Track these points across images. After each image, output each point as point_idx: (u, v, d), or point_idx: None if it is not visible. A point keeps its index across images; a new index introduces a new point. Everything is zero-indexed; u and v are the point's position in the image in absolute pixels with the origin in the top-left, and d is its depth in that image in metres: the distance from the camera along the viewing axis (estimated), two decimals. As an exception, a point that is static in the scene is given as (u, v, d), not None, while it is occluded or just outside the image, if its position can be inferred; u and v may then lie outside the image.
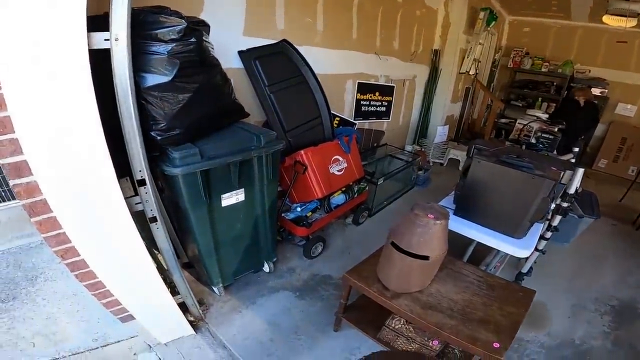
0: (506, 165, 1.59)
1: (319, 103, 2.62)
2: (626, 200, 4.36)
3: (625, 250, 3.29)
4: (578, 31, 5.84)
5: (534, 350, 2.01)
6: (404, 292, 1.57)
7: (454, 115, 5.20)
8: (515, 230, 1.68)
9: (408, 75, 4.15)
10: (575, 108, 4.63)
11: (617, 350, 2.09)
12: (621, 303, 2.53)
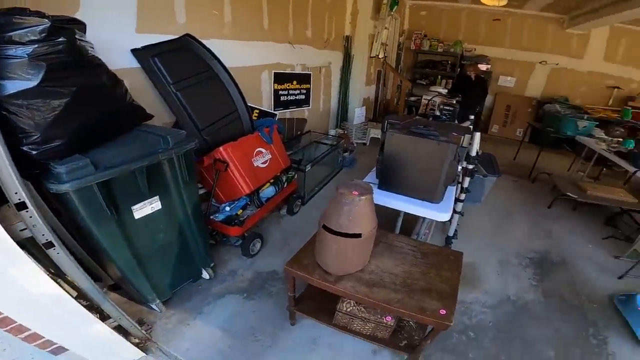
0: (416, 135, 1.71)
1: (233, 97, 2.49)
2: (519, 158, 5.10)
3: (529, 203, 3.81)
4: (463, 12, 6.59)
5: (480, 311, 2.19)
6: (346, 274, 1.58)
7: (369, 97, 5.49)
8: (433, 196, 1.81)
9: (323, 62, 4.21)
10: (468, 82, 5.25)
11: (549, 302, 2.34)
12: (538, 254, 2.88)
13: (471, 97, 5.16)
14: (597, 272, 2.67)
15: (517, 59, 6.50)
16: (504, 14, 6.31)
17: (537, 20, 6.19)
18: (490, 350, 1.91)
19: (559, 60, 6.27)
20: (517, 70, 6.58)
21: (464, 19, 6.65)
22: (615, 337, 2.07)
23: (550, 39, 6.23)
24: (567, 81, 6.31)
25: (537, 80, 6.49)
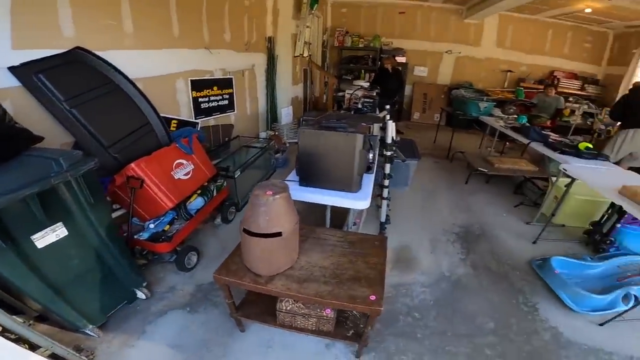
0: (326, 129, 1.79)
1: (143, 109, 2.36)
2: (438, 141, 5.60)
3: (449, 181, 4.17)
4: (379, 8, 7.01)
5: (420, 291, 2.30)
6: (277, 273, 1.59)
7: (298, 96, 5.57)
8: (350, 186, 1.92)
9: (246, 65, 4.16)
10: (386, 75, 5.62)
11: (479, 274, 2.54)
12: (462, 229, 3.13)
13: (389, 88, 5.54)
14: (514, 240, 2.97)
15: (428, 49, 7.12)
16: (413, 7, 6.86)
17: (441, 12, 6.84)
18: (436, 327, 2.01)
19: (461, 49, 7.01)
20: (429, 61, 7.20)
21: (380, 14, 7.07)
22: (543, 302, 2.28)
23: (452, 29, 6.93)
24: (470, 68, 7.09)
25: (445, 69, 7.18)
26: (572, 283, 2.34)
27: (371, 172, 2.17)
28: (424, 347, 1.88)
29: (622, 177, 2.50)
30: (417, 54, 7.11)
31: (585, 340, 1.98)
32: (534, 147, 3.36)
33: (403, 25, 7.06)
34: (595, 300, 2.18)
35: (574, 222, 3.14)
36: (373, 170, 2.21)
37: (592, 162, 2.89)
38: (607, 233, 2.78)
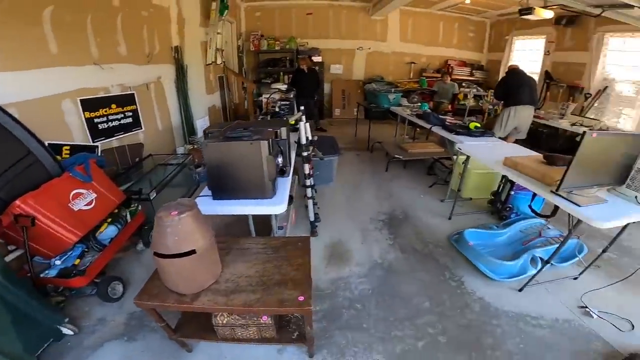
0: (230, 140, 1.77)
1: (21, 138, 2.06)
2: (358, 134, 5.90)
3: (371, 171, 4.39)
4: (292, 10, 7.10)
5: (358, 282, 2.38)
6: (201, 290, 1.54)
7: (215, 105, 5.39)
8: (264, 192, 1.92)
9: (150, 78, 3.88)
10: (302, 75, 5.74)
11: (407, 257, 2.69)
12: (387, 215, 3.30)
13: (307, 88, 5.68)
14: (433, 218, 3.25)
15: (341, 47, 7.44)
16: (324, 7, 7.10)
17: (350, 11, 7.20)
18: (379, 315, 2.10)
19: (370, 45, 7.49)
20: (343, 58, 7.54)
21: (294, 16, 7.17)
22: (466, 274, 2.49)
23: (361, 26, 7.35)
24: (379, 62, 7.61)
25: (358, 65, 7.60)
26: (485, 253, 2.60)
27: (286, 176, 2.20)
28: (372, 336, 1.96)
29: (505, 150, 2.92)
30: (332, 52, 7.39)
31: (510, 307, 2.19)
32: (435, 131, 3.74)
33: (316, 26, 7.26)
34: (508, 267, 2.44)
35: (478, 194, 3.57)
36: (288, 174, 2.24)
37: (481, 139, 3.32)
38: (505, 201, 3.21)
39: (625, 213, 1.87)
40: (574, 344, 1.93)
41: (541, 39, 6.39)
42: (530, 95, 4.37)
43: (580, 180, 1.93)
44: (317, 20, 7.21)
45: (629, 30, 4.81)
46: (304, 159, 2.84)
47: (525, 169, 2.33)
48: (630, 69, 5.03)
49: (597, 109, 5.41)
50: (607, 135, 1.83)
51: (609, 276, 2.47)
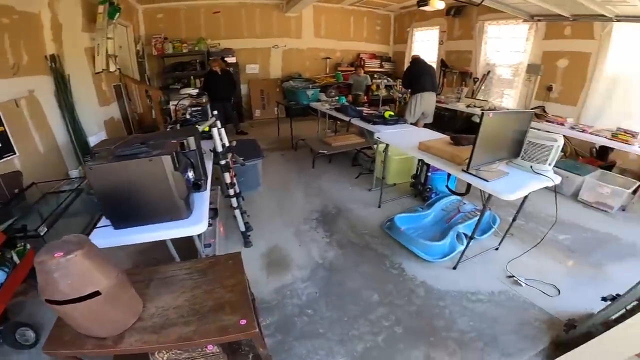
0: (122, 159, 1.49)
1: None
2: (281, 133, 5.77)
3: (298, 169, 4.30)
4: (201, 10, 6.59)
5: (303, 287, 2.28)
6: (124, 330, 1.29)
7: (113, 117, 4.72)
8: (177, 213, 1.68)
9: (19, 92, 3.18)
10: (216, 78, 5.38)
11: (345, 252, 2.66)
12: (319, 212, 3.24)
13: (222, 91, 5.36)
14: (364, 209, 3.29)
15: (256, 46, 7.20)
16: (237, 6, 6.76)
17: (264, 9, 6.99)
18: (332, 317, 2.05)
19: (286, 43, 7.39)
20: (259, 57, 7.31)
21: (203, 16, 6.67)
22: (405, 260, 2.55)
23: (276, 24, 7.20)
24: (296, 59, 7.59)
25: (275, 63, 7.46)
26: (416, 236, 2.73)
27: (203, 190, 1.98)
28: (330, 339, 1.90)
29: (418, 135, 3.09)
30: (247, 52, 7.10)
31: (451, 287, 2.30)
32: (354, 123, 3.82)
33: (229, 25, 6.89)
34: (439, 247, 2.57)
35: (400, 179, 3.76)
36: (205, 187, 2.02)
37: (396, 126, 3.48)
38: (425, 182, 3.42)
39: (525, 183, 2.10)
40: (515, 315, 2.09)
41: (435, 30, 7.05)
42: (431, 82, 4.78)
43: (485, 157, 2.11)
44: (229, 19, 6.85)
45: (503, 18, 5.56)
46: (222, 168, 2.62)
47: (437, 151, 2.48)
48: (506, 54, 5.83)
49: (484, 91, 6.19)
50: (500, 114, 2.03)
51: (523, 242, 2.78)
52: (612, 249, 2.82)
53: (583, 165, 4.07)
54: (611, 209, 3.50)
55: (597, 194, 3.60)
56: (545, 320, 2.05)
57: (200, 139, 2.12)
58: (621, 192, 3.44)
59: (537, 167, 2.28)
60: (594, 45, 4.58)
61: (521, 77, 5.58)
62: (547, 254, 2.65)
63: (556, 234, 2.84)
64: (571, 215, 3.31)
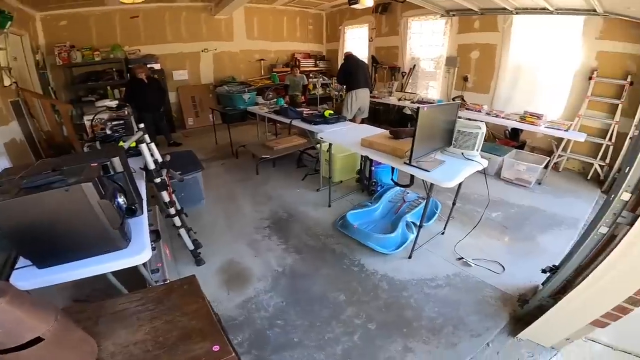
0: (30, 193, 1.26)
1: None
2: (220, 141, 5.50)
3: (242, 178, 4.12)
4: (116, 14, 5.92)
5: (268, 298, 2.23)
6: None
7: (15, 139, 4.04)
8: (114, 244, 1.49)
9: None
10: (141, 86, 4.92)
11: (304, 256, 2.62)
12: (270, 220, 3.14)
13: (150, 101, 4.93)
14: (315, 210, 3.28)
15: (184, 51, 6.74)
16: (159, 9, 6.24)
17: (191, 11, 6.54)
18: (304, 324, 2.01)
19: (216, 46, 7.05)
20: (188, 62, 6.87)
21: (118, 21, 6.01)
22: (363, 256, 2.58)
23: (205, 27, 6.81)
24: (229, 62, 7.30)
25: (206, 68, 7.09)
26: (370, 231, 2.80)
27: (139, 214, 1.78)
28: (308, 346, 1.86)
29: (359, 131, 3.16)
30: (173, 57, 6.61)
31: (410, 276, 2.38)
32: (295, 124, 3.79)
33: (150, 30, 6.31)
34: (392, 239, 2.65)
35: (346, 176, 3.83)
36: (142, 211, 1.82)
37: (337, 125, 3.53)
38: (370, 176, 3.52)
39: (460, 169, 2.28)
40: (473, 295, 2.24)
41: (365, 27, 7.34)
42: (365, 78, 4.97)
43: (423, 149, 2.23)
44: (150, 24, 6.28)
45: (424, 14, 5.99)
46: (158, 187, 2.39)
47: (379, 146, 2.56)
48: (428, 49, 6.30)
49: (412, 84, 6.64)
50: (433, 107, 2.16)
51: (464, 224, 3.01)
52: (538, 221, 3.21)
53: (500, 147, 4.58)
54: (529, 184, 3.98)
55: (516, 171, 4.08)
56: (498, 297, 2.23)
57: (126, 157, 1.90)
58: (535, 168, 3.93)
59: (467, 153, 2.48)
60: (498, 37, 5.16)
61: (442, 69, 6.08)
62: (485, 233, 2.91)
63: (489, 212, 3.13)
64: (498, 193, 3.70)
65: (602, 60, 4.20)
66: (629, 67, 4.00)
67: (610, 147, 4.16)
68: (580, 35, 4.29)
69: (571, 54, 4.43)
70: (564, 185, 4.15)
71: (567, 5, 4.07)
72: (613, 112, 4.15)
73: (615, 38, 4.06)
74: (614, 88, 4.13)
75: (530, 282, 2.32)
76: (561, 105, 4.66)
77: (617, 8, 3.66)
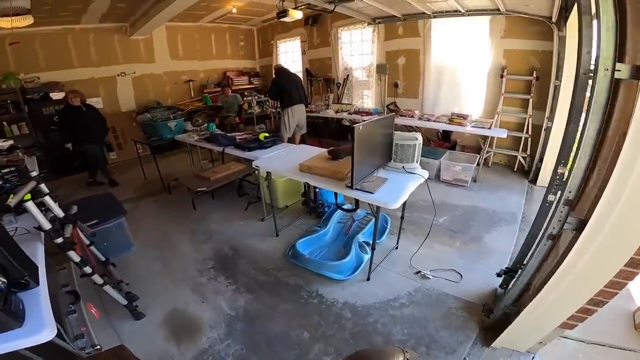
0: None
1: None
2: (149, 175, 4.91)
3: (177, 215, 3.70)
4: (6, 39, 5.02)
5: (224, 346, 2.00)
6: None
7: None
8: (7, 324, 1.17)
9: None
10: (78, 114, 4.27)
11: (257, 295, 2.41)
12: (214, 259, 2.85)
13: (92, 130, 4.34)
14: (262, 242, 3.04)
15: (95, 76, 5.99)
16: (62, 32, 5.46)
17: (101, 33, 5.83)
18: None
19: (135, 69, 6.37)
20: (102, 88, 6.12)
21: (9, 47, 5.10)
22: (319, 286, 2.43)
23: (119, 49, 6.13)
24: (152, 86, 6.67)
25: (125, 93, 6.38)
26: (322, 259, 2.64)
27: (32, 286, 1.40)
28: None
29: (297, 154, 2.98)
30: (83, 83, 5.78)
31: (372, 299, 2.27)
32: (229, 152, 3.46)
33: (50, 55, 5.46)
34: (347, 264, 2.51)
35: (291, 200, 3.62)
36: (37, 281, 1.44)
37: (273, 149, 3.31)
38: (315, 198, 3.35)
39: (404, 185, 2.22)
40: (437, 310, 2.19)
41: (297, 40, 7.26)
42: (298, 94, 4.84)
43: (365, 170, 2.13)
44: (50, 48, 5.46)
45: (352, 23, 6.08)
46: (61, 248, 1.97)
47: (318, 170, 2.41)
48: (359, 58, 6.42)
49: (347, 94, 6.70)
50: (368, 124, 2.06)
51: (415, 235, 2.99)
52: (481, 220, 3.32)
53: (436, 150, 4.76)
54: (466, 183, 4.16)
55: (452, 172, 4.24)
56: (462, 307, 2.21)
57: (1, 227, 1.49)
58: (469, 167, 4.12)
59: (407, 166, 2.45)
60: (420, 42, 5.40)
61: (373, 77, 6.22)
62: (437, 241, 2.92)
63: (436, 218, 3.16)
64: (441, 196, 3.78)
65: (509, 58, 4.59)
66: (533, 62, 4.42)
67: (529, 140, 4.55)
68: (487, 35, 4.64)
69: (483, 54, 4.77)
70: (496, 179, 4.42)
71: (475, 6, 4.38)
72: (525, 106, 4.56)
73: (517, 36, 4.45)
74: (523, 84, 4.53)
75: (488, 286, 2.34)
76: (480, 103, 5.01)
77: (517, 6, 4.00)
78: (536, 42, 4.31)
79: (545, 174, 4.07)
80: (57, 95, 5.34)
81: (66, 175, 5.36)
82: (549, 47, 4.11)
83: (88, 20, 5.56)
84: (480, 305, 2.17)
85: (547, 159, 4.05)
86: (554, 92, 4.03)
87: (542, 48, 4.26)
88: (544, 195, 1.71)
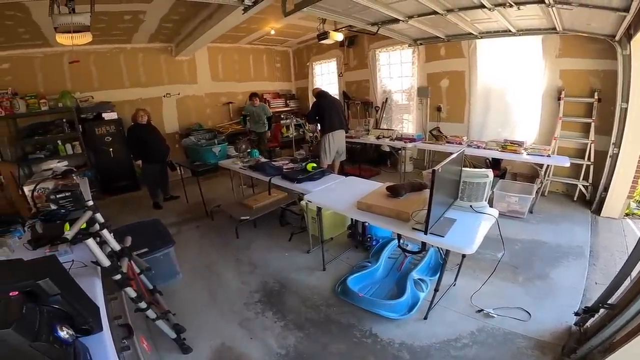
0: None
1: None
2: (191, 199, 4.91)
3: (220, 243, 3.63)
4: (65, 57, 5.31)
5: None
6: None
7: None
8: None
9: None
10: (146, 131, 4.45)
11: (307, 333, 2.29)
12: (260, 292, 2.76)
13: (157, 149, 4.46)
14: (309, 276, 2.91)
15: (143, 97, 6.18)
16: (114, 52, 5.74)
17: (148, 53, 6.07)
18: None
19: (179, 90, 6.55)
20: (149, 109, 6.32)
21: (67, 65, 5.37)
22: (373, 324, 2.29)
23: (165, 69, 6.33)
24: (194, 107, 6.83)
25: (170, 114, 6.57)
26: (376, 297, 2.49)
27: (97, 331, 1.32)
28: None
29: (350, 188, 2.83)
30: (132, 104, 5.90)
31: (431, 340, 2.12)
32: (275, 183, 3.35)
33: (103, 74, 5.71)
34: (402, 303, 2.37)
35: (336, 231, 3.47)
36: (99, 326, 1.35)
37: (323, 180, 3.16)
38: (363, 232, 3.18)
39: (475, 226, 2.05)
40: (505, 349, 2.01)
41: (333, 62, 7.24)
42: (339, 118, 4.72)
43: (438, 212, 1.95)
44: (103, 67, 5.70)
45: (391, 44, 5.94)
46: (118, 285, 1.90)
47: (379, 209, 2.26)
48: (399, 80, 6.26)
49: (386, 118, 6.50)
50: (446, 164, 1.89)
51: (474, 271, 2.76)
52: (545, 255, 3.04)
53: (488, 179, 4.42)
54: (523, 215, 3.83)
55: (507, 203, 3.92)
56: (534, 346, 2.01)
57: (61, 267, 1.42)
58: (527, 198, 3.80)
59: (476, 205, 2.24)
60: (465, 63, 5.18)
61: (414, 101, 6.02)
62: (497, 277, 2.65)
63: (494, 253, 2.89)
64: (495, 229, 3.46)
65: (566, 78, 4.27)
66: (593, 83, 4.07)
67: (591, 167, 4.16)
68: (540, 55, 4.35)
69: (536, 75, 4.47)
70: (555, 210, 4.05)
71: (529, 25, 4.09)
72: (587, 130, 4.18)
73: (574, 55, 4.15)
74: (583, 107, 4.17)
75: (561, 325, 2.14)
76: (534, 128, 4.67)
77: (577, 25, 3.67)
78: (596, 62, 3.99)
79: (611, 203, 3.72)
80: (110, 115, 5.52)
81: (111, 194, 5.52)
82: (610, 67, 3.79)
83: (138, 40, 5.80)
84: (555, 344, 1.98)
85: (614, 188, 3.69)
86: (621, 115, 3.68)
87: (603, 67, 3.94)
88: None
